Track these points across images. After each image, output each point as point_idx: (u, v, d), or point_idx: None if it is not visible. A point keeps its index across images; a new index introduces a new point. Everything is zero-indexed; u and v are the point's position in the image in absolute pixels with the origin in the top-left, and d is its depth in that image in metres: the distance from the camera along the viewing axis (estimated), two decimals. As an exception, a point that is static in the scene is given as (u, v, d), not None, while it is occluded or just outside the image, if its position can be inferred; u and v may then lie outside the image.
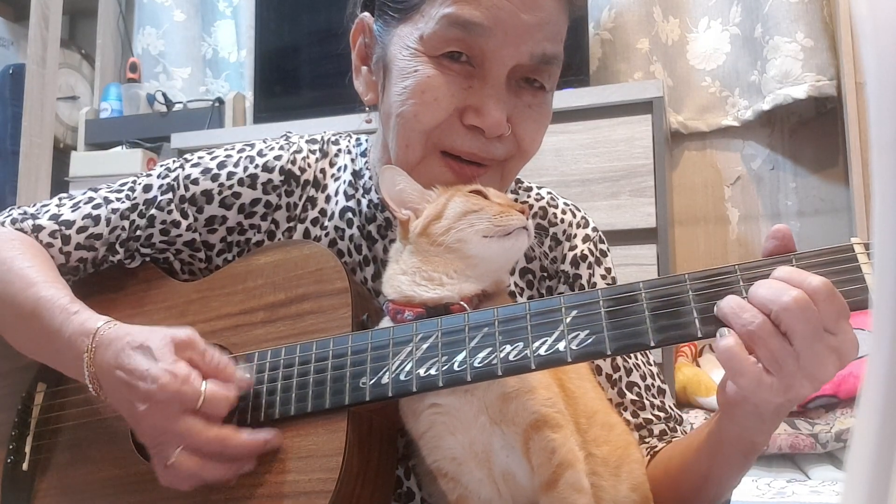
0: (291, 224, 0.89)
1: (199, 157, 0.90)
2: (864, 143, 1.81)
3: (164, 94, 2.59)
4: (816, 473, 1.56)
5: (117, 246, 0.88)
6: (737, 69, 2.17)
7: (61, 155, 2.52)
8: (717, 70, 2.19)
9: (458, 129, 0.78)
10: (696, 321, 0.62)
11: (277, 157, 0.89)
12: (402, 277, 0.73)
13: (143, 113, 2.62)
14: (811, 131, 2.13)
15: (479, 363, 0.66)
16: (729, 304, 0.61)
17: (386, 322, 0.75)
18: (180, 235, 0.88)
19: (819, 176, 2.12)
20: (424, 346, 0.68)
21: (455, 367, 0.66)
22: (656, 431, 0.88)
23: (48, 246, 0.86)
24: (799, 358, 0.58)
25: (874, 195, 0.32)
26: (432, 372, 0.67)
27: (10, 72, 2.56)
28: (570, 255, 0.92)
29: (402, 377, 0.68)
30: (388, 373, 0.69)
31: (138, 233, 0.88)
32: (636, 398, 0.88)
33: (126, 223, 0.88)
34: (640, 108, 1.82)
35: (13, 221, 0.88)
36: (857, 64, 1.83)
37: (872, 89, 0.32)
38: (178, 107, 2.60)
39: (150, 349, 0.69)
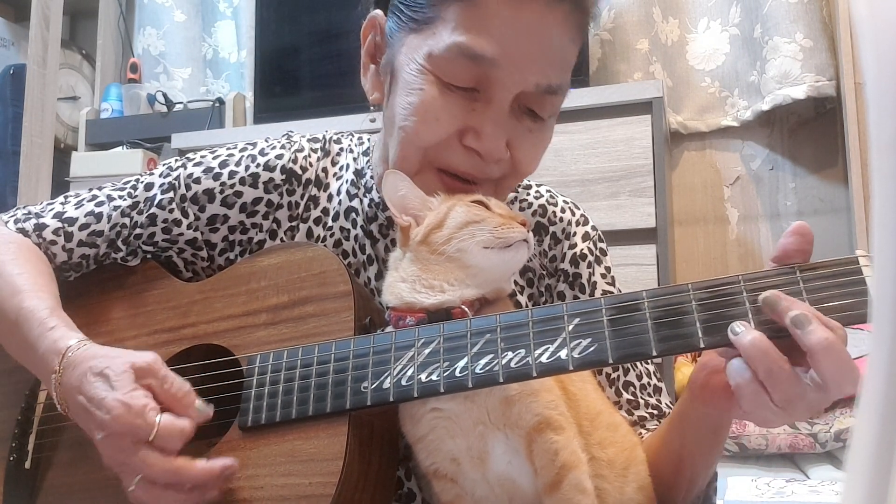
0: (294, 223, 0.89)
1: (202, 157, 0.91)
2: (864, 143, 1.81)
3: (164, 95, 2.59)
4: (816, 473, 1.56)
5: (119, 243, 0.88)
6: (736, 69, 2.17)
7: (62, 155, 2.52)
8: (717, 70, 2.19)
9: (456, 148, 0.78)
10: (699, 331, 0.62)
11: (279, 157, 0.89)
12: (403, 285, 0.74)
13: (143, 113, 2.62)
14: (810, 132, 2.13)
15: (480, 370, 0.66)
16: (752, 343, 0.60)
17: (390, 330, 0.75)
18: (182, 234, 0.88)
19: (818, 176, 2.12)
20: (426, 351, 0.68)
21: (457, 373, 0.66)
22: (649, 427, 0.89)
23: (51, 243, 0.87)
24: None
25: (874, 195, 0.32)
26: (434, 377, 0.67)
27: (11, 72, 2.56)
28: (569, 253, 0.92)
29: (403, 382, 0.68)
30: (389, 377, 0.69)
31: (139, 230, 0.88)
32: (631, 397, 0.89)
33: (127, 220, 0.88)
34: (640, 109, 1.82)
35: (16, 221, 0.89)
36: (857, 64, 1.83)
37: (872, 89, 0.32)
38: (178, 107, 2.60)
39: (109, 377, 0.69)
